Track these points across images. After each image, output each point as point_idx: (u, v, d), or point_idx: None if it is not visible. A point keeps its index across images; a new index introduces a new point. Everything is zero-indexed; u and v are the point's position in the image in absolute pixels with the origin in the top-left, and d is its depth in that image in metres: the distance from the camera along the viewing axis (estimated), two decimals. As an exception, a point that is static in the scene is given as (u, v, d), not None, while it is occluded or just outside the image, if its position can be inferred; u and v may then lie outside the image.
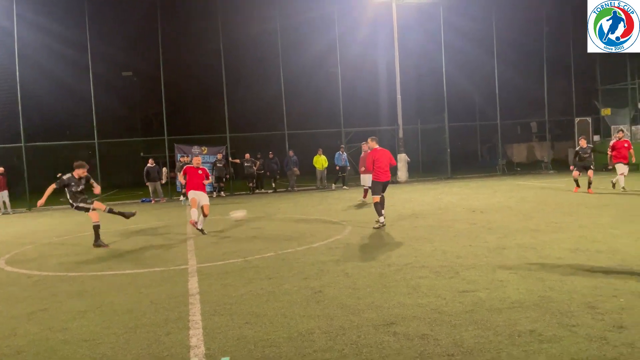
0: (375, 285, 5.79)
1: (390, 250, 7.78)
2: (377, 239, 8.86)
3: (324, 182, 22.19)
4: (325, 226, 10.85)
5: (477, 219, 10.61)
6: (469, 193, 16.89)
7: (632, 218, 9.55)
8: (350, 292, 5.57)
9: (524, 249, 7.26)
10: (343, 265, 6.87)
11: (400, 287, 5.62)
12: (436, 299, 5.10)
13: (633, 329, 4.00)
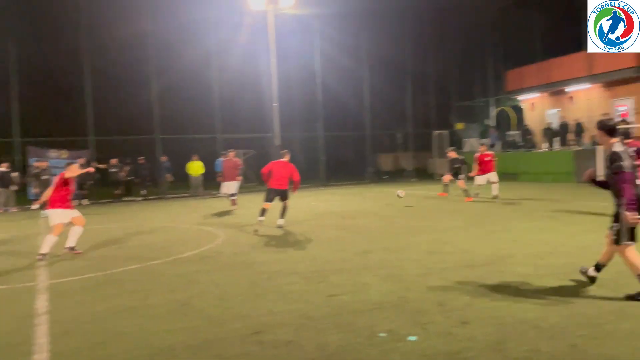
0: (245, 294, 5.74)
1: (263, 257, 7.78)
2: (250, 247, 8.81)
3: (198, 190, 21.54)
4: (197, 235, 10.53)
5: (347, 224, 11.08)
6: (340, 200, 17.58)
7: (479, 222, 10.66)
8: (218, 302, 5.46)
9: (387, 252, 7.73)
10: (213, 275, 6.71)
11: (271, 295, 5.64)
12: (305, 305, 5.20)
13: (475, 323, 4.44)
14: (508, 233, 9.05)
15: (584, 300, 4.93)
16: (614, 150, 4.94)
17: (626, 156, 4.90)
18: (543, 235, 8.69)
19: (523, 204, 13.70)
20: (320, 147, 26.52)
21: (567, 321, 4.35)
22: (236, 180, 15.04)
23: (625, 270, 5.97)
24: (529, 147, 24.60)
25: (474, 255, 7.26)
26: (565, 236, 8.46)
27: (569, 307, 4.74)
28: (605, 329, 4.12)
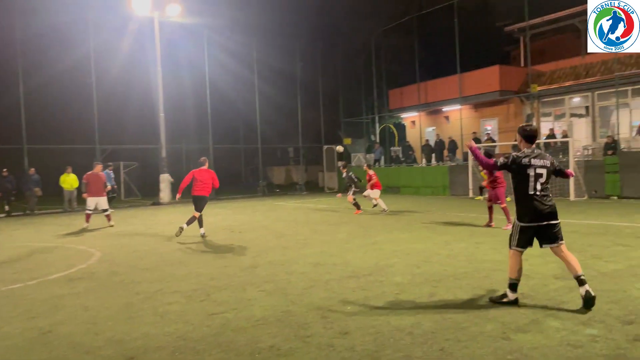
0: (119, 317, 5.34)
1: (141, 277, 7.32)
2: (128, 266, 8.26)
3: (72, 204, 19.85)
4: (68, 254, 9.64)
5: (235, 239, 10.87)
6: (230, 214, 17.26)
7: (364, 233, 11.06)
8: (88, 327, 5.01)
9: (274, 266, 7.68)
10: (84, 298, 6.17)
11: (147, 316, 5.31)
12: (184, 325, 4.96)
13: (355, 333, 4.54)
14: (389, 244, 9.47)
15: (453, 305, 5.27)
16: (515, 153, 5.22)
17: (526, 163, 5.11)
18: (420, 244, 9.23)
19: (404, 215, 14.49)
20: (210, 159, 25.86)
21: (438, 326, 4.62)
22: (103, 195, 14.11)
23: (491, 275, 6.54)
24: (410, 162, 26.21)
25: (357, 266, 7.48)
26: (439, 245, 9.06)
27: (440, 312, 5.04)
28: (471, 332, 4.44)
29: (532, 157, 5.12)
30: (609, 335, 4.20)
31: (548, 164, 5.14)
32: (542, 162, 5.11)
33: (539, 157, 5.14)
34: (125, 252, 9.66)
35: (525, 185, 5.10)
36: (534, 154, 5.16)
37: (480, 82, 24.48)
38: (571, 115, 23.31)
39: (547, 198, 5.11)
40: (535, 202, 5.07)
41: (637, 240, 8.77)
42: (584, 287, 4.90)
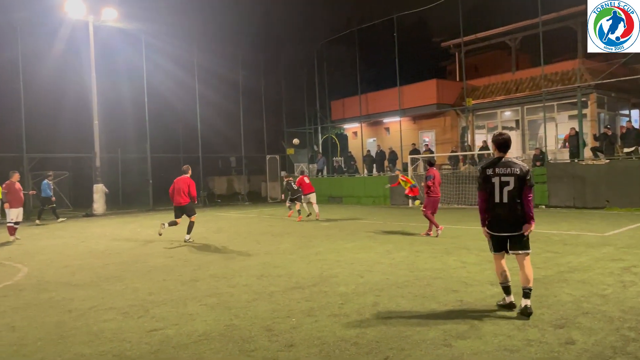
0: (49, 337, 5.02)
1: (73, 293, 6.93)
2: (59, 282, 7.79)
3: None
4: (-8, 270, 8.98)
5: (174, 251, 10.54)
6: (170, 225, 16.71)
7: (307, 244, 11.05)
8: (15, 349, 4.68)
9: (216, 279, 7.51)
10: (9, 318, 5.75)
11: (81, 336, 5.02)
12: (120, 344, 4.73)
13: (300, 345, 4.51)
14: (333, 254, 9.51)
15: (396, 314, 5.35)
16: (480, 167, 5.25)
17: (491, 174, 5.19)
18: (363, 254, 9.34)
19: (347, 225, 14.63)
20: (148, 169, 25.07)
21: (382, 335, 4.67)
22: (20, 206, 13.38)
23: (431, 283, 6.70)
24: (352, 172, 26.57)
25: (302, 277, 7.45)
26: (381, 254, 9.20)
27: (384, 321, 5.11)
28: (414, 340, 4.52)
29: (497, 167, 5.17)
30: (542, 339, 4.41)
31: (517, 172, 5.11)
32: (509, 170, 5.12)
33: (506, 165, 5.17)
34: (56, 267, 9.12)
35: (492, 194, 5.19)
36: (500, 162, 5.20)
37: (419, 95, 25.30)
38: (503, 128, 24.52)
39: (515, 208, 5.13)
40: (500, 211, 5.17)
41: (564, 247, 9.30)
42: (526, 301, 5.06)
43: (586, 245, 9.43)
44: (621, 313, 5.06)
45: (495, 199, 5.21)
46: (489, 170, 5.23)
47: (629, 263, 7.55)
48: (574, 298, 5.69)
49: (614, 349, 4.10)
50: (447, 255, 8.85)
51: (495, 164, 5.22)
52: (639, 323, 4.72)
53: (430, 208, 11.39)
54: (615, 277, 6.68)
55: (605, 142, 17.94)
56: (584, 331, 4.56)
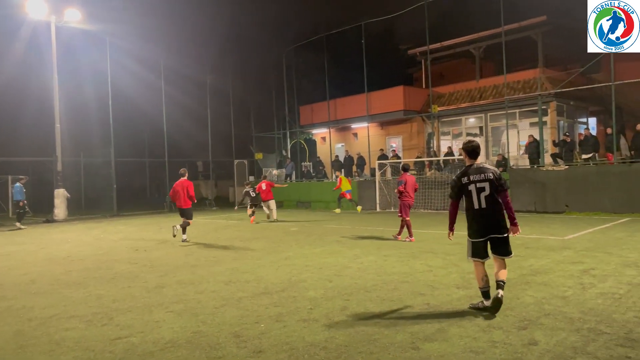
0: (7, 347, 4.84)
1: (33, 301, 6.69)
2: (18, 290, 7.51)
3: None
4: (-55, 279, 8.58)
5: (139, 257, 10.32)
6: (135, 231, 16.40)
7: (276, 249, 11.01)
8: (-31, 361, 4.47)
9: (182, 286, 7.39)
10: (-37, 328, 5.50)
11: (41, 345, 4.86)
12: (83, 353, 4.60)
13: (269, 351, 4.48)
14: (302, 258, 9.51)
15: (365, 318, 5.39)
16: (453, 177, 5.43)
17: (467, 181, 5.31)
18: (331, 258, 9.36)
19: (315, 230, 14.65)
20: (112, 173, 24.49)
21: (351, 339, 4.69)
22: None
23: (399, 287, 6.78)
24: (321, 177, 26.63)
25: (270, 282, 7.41)
26: (349, 259, 9.25)
27: (353, 325, 5.13)
28: (382, 343, 4.56)
29: (470, 174, 5.28)
30: (506, 340, 4.52)
31: (490, 176, 5.26)
32: (482, 175, 5.25)
33: (479, 171, 5.28)
34: (14, 274, 8.79)
35: (471, 201, 5.32)
36: (472, 169, 5.32)
37: (386, 102, 25.63)
38: (467, 134, 25.08)
39: (495, 211, 5.28)
40: (481, 217, 5.32)
41: (526, 250, 9.57)
42: (500, 291, 5.27)
43: (547, 248, 9.72)
44: (581, 314, 5.23)
45: (474, 205, 5.34)
46: (464, 179, 5.34)
47: (587, 266, 7.82)
48: (536, 300, 5.86)
49: (574, 349, 4.24)
50: (414, 259, 8.97)
51: (468, 171, 5.35)
52: (598, 324, 4.90)
53: (404, 212, 11.41)
54: (575, 279, 6.91)
55: (565, 148, 18.57)
56: (546, 332, 4.70)
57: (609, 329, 4.73)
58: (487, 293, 5.44)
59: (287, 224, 16.63)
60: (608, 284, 6.57)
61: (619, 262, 8.00)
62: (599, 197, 16.28)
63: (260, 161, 30.62)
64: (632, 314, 5.18)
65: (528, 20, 22.23)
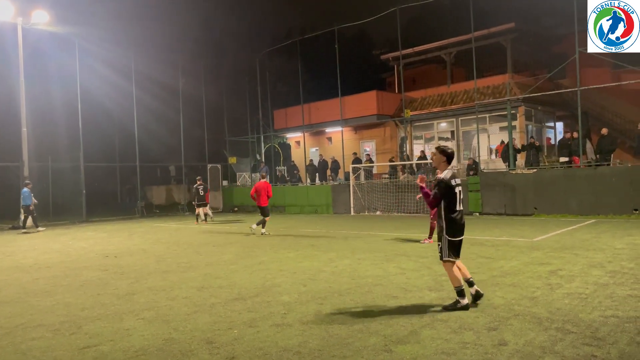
0: (-31, 359, 4.66)
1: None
2: (-19, 298, 7.27)
3: None
4: None
5: (110, 264, 10.11)
6: (105, 237, 16.06)
7: (250, 254, 10.94)
8: None
9: (154, 292, 7.27)
10: None
11: (7, 355, 4.71)
12: (50, 363, 4.48)
13: (242, 357, 4.45)
14: (276, 263, 9.47)
15: (339, 322, 5.40)
16: (440, 177, 5.66)
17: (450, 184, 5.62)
18: (306, 262, 9.36)
19: (290, 234, 14.62)
20: (81, 178, 23.94)
21: (324, 343, 4.70)
22: None
23: (372, 290, 6.82)
24: (295, 181, 26.61)
25: (244, 287, 7.36)
26: (323, 263, 9.26)
27: (326, 329, 5.14)
28: (355, 346, 4.57)
29: (455, 178, 5.65)
30: (477, 341, 4.59)
31: (459, 182, 5.76)
32: (459, 180, 5.77)
33: (457, 176, 5.76)
34: (-23, 283, 8.49)
35: (454, 203, 5.62)
36: (454, 174, 5.68)
37: (360, 106, 25.83)
38: (439, 138, 25.47)
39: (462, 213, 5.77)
40: (461, 218, 5.71)
41: (497, 252, 9.76)
42: (475, 287, 5.71)
43: (517, 250, 9.93)
44: (549, 314, 5.36)
45: (457, 207, 5.69)
46: (453, 182, 5.66)
47: (555, 267, 8.02)
48: (505, 301, 5.98)
49: (542, 349, 4.34)
50: (387, 262, 9.04)
51: (453, 177, 5.68)
52: (565, 323, 5.02)
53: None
54: (543, 280, 7.08)
55: (532, 152, 19.01)
56: (515, 332, 4.80)
57: (575, 328, 4.86)
58: (462, 291, 5.63)
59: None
60: (575, 284, 6.75)
61: (585, 263, 8.23)
62: (566, 199, 16.73)
63: (234, 165, 30.42)
64: (597, 313, 5.33)
65: (497, 27, 22.75)
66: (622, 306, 5.57)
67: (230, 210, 27.44)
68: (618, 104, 23.26)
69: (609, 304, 5.69)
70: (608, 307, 5.56)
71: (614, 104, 23.34)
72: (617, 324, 4.95)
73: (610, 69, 21.84)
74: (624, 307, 5.53)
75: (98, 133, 29.33)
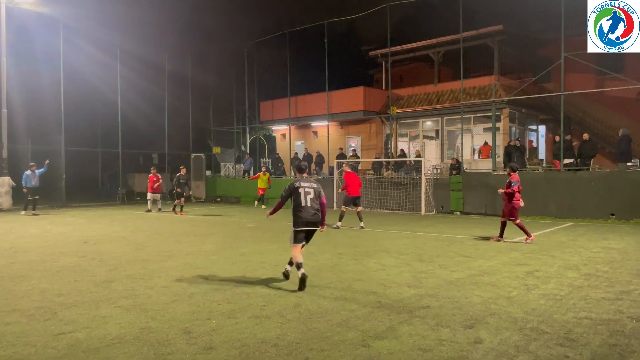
0: (-61, 342, 4.57)
1: (-29, 294, 6.36)
2: (-46, 281, 7.12)
3: None
4: None
5: (88, 250, 9.99)
6: (84, 223, 15.85)
7: (232, 245, 10.90)
8: None
9: (132, 280, 7.20)
10: None
11: (-23, 340, 4.62)
12: (24, 348, 4.42)
13: (220, 348, 4.44)
14: (257, 255, 9.46)
15: (318, 315, 5.42)
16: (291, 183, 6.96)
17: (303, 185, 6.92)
18: (287, 255, 9.27)
19: (272, 226, 14.60)
20: (62, 162, 23.55)
21: (303, 336, 4.71)
22: None
23: (352, 285, 6.85)
24: (279, 174, 26.54)
25: (224, 278, 7.34)
26: (304, 256, 9.17)
27: (305, 322, 5.15)
28: (333, 340, 4.60)
29: (301, 182, 6.99)
30: (453, 338, 4.65)
31: (315, 186, 7.02)
32: (309, 184, 7.00)
33: (306, 181, 7.06)
34: (-50, 266, 8.31)
35: (298, 200, 6.85)
36: (302, 179, 7.07)
37: (347, 101, 25.82)
38: (424, 137, 25.63)
39: (314, 210, 6.90)
40: (305, 212, 6.83)
41: (476, 251, 9.88)
42: (301, 271, 6.58)
43: (495, 250, 10.07)
44: (524, 314, 5.45)
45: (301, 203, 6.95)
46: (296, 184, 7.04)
47: (532, 267, 8.15)
48: (483, 300, 6.06)
49: (517, 348, 4.41)
50: (368, 257, 9.09)
51: (299, 180, 7.07)
52: (540, 323, 5.11)
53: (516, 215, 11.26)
54: (520, 280, 7.19)
55: (516, 154, 19.23)
56: (491, 331, 4.87)
57: (549, 328, 4.95)
58: (300, 265, 6.69)
59: (244, 220, 16.50)
60: (550, 285, 6.87)
61: (562, 265, 8.38)
62: (545, 202, 16.99)
63: (218, 156, 30.21)
64: (571, 314, 5.44)
65: (485, 28, 22.92)
66: (596, 308, 5.69)
67: (213, 201, 27.27)
68: (600, 110, 23.66)
69: (582, 305, 5.81)
70: (582, 309, 5.67)
71: (596, 109, 23.74)
72: (590, 325, 5.05)
73: (594, 75, 22.19)
74: (597, 309, 5.65)
75: (81, 118, 28.87)
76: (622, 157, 16.65)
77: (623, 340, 4.62)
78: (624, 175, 16.01)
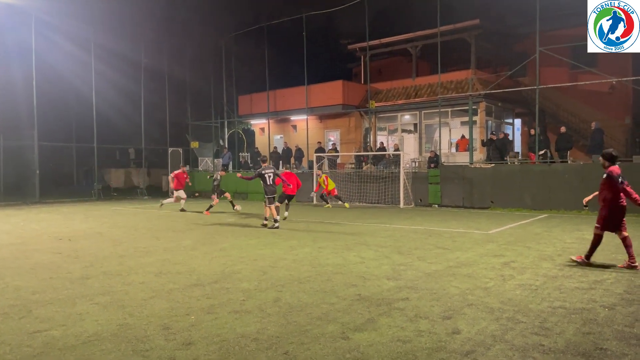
0: None
1: (-59, 294, 6.19)
2: None
3: None
4: None
5: (63, 247, 9.80)
6: (59, 219, 15.55)
7: (210, 240, 10.82)
8: None
9: (109, 277, 7.10)
10: None
11: (-52, 341, 4.49)
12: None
13: (199, 343, 4.41)
14: (237, 250, 9.41)
15: (298, 309, 5.43)
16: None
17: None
18: (267, 250, 9.34)
19: (252, 221, 14.54)
20: (35, 158, 23.02)
21: (283, 330, 4.71)
22: None
23: (332, 278, 6.88)
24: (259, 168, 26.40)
25: (203, 273, 7.29)
26: (284, 250, 9.27)
27: (285, 316, 5.15)
28: (313, 334, 4.61)
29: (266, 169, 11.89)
30: (432, 329, 4.71)
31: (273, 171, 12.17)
32: (270, 170, 12.16)
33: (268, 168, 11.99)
34: None
35: (265, 181, 12.03)
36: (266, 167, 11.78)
37: (326, 95, 25.80)
38: (402, 130, 25.78)
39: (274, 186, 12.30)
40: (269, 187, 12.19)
41: (453, 243, 10.01)
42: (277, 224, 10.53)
43: (472, 242, 10.22)
44: (501, 304, 5.55)
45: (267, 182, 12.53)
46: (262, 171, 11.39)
47: (508, 259, 8.30)
48: (460, 291, 6.15)
49: (493, 337, 4.49)
50: (348, 251, 9.13)
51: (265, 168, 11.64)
52: (516, 313, 5.21)
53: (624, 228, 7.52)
54: (497, 271, 7.31)
55: (492, 147, 19.51)
56: (468, 321, 4.95)
57: (525, 318, 5.05)
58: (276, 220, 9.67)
59: (224, 215, 16.40)
60: (526, 276, 7.01)
61: (537, 256, 8.55)
62: (521, 194, 17.30)
63: (196, 150, 29.91)
64: (546, 304, 5.56)
65: (462, 23, 23.11)
66: (570, 298, 5.82)
67: (192, 196, 26.99)
68: (573, 103, 24.14)
69: (557, 295, 5.94)
70: (556, 298, 5.80)
71: (570, 103, 24.21)
72: (564, 314, 5.17)
73: (568, 69, 22.60)
74: (572, 298, 5.79)
75: (55, 112, 28.29)
76: (595, 150, 17.01)
77: (596, 329, 4.74)
78: (597, 168, 16.35)
